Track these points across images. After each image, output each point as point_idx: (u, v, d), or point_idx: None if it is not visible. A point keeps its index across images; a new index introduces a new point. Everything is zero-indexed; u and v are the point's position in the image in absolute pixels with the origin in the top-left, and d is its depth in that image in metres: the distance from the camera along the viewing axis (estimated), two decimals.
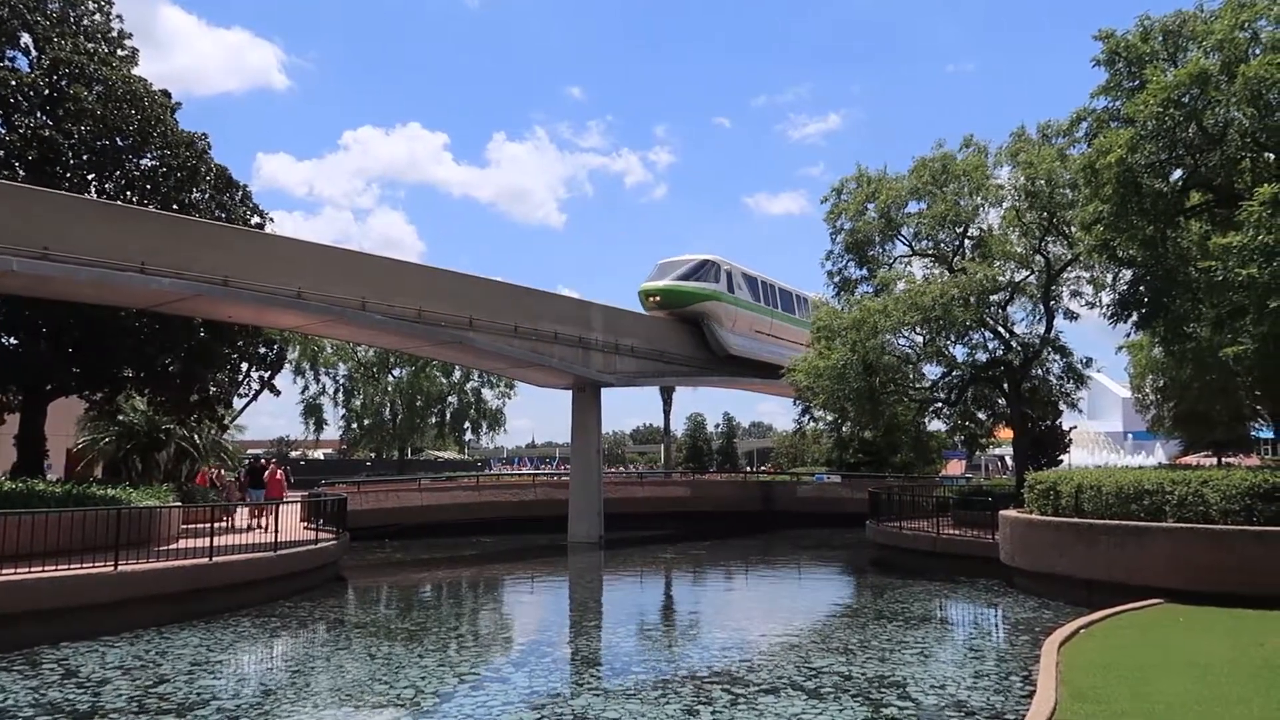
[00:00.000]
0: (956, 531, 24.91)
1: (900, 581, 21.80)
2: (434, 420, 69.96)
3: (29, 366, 25.68)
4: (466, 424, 71.09)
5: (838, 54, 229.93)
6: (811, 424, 33.77)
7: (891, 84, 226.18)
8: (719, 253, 39.78)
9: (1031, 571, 18.70)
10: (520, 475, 51.21)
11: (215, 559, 16.81)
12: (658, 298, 36.21)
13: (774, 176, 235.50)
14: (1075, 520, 17.58)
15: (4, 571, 13.69)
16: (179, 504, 21.42)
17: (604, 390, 34.19)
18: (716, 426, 77.84)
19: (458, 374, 67.07)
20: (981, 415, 30.14)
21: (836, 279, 30.51)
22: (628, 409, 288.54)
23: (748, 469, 70.41)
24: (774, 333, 40.38)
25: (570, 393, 34.55)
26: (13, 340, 26.37)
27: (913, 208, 28.79)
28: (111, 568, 14.90)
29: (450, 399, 69.20)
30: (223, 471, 32.10)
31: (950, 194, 27.30)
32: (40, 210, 19.22)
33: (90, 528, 16.18)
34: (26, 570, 13.97)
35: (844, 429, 33.38)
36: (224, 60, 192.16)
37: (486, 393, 69.75)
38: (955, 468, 55.82)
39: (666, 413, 67.73)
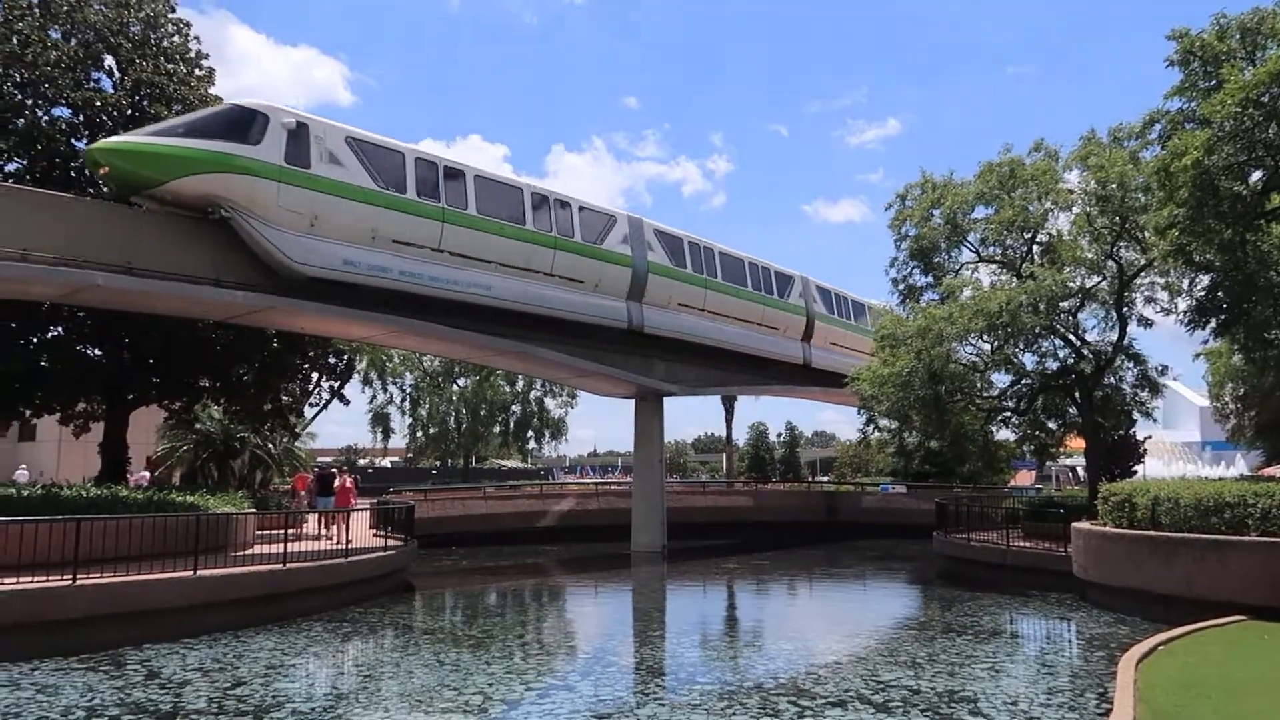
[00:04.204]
0: (1027, 544, 24.37)
1: (969, 594, 21.40)
2: (498, 429, 70.78)
3: (112, 376, 26.68)
4: (529, 433, 71.81)
5: (894, 59, 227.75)
6: (876, 433, 33.33)
7: (951, 88, 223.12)
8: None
9: (1106, 585, 18.22)
10: (583, 484, 51.48)
11: (289, 565, 17.21)
12: (107, 168, 19.93)
13: (832, 183, 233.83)
14: (1152, 533, 17.09)
15: (91, 575, 14.19)
16: (253, 510, 21.98)
17: (665, 399, 34.23)
18: (779, 436, 77.28)
19: (521, 383, 67.75)
20: (1052, 424, 29.46)
21: (901, 286, 30.13)
22: (689, 417, 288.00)
23: (811, 479, 69.75)
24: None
25: (632, 402, 34.66)
26: (97, 351, 27.40)
27: (979, 213, 28.31)
28: (191, 572, 15.35)
29: (514, 408, 69.97)
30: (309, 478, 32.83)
31: (1018, 199, 26.79)
32: (121, 226, 19.92)
33: (170, 533, 16.71)
34: (112, 574, 14.46)
35: (909, 438, 32.89)
36: (291, 77, 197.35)
37: (549, 402, 70.46)
38: (1024, 478, 54.55)
39: (729, 422, 67.60)
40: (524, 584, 25.91)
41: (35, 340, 26.85)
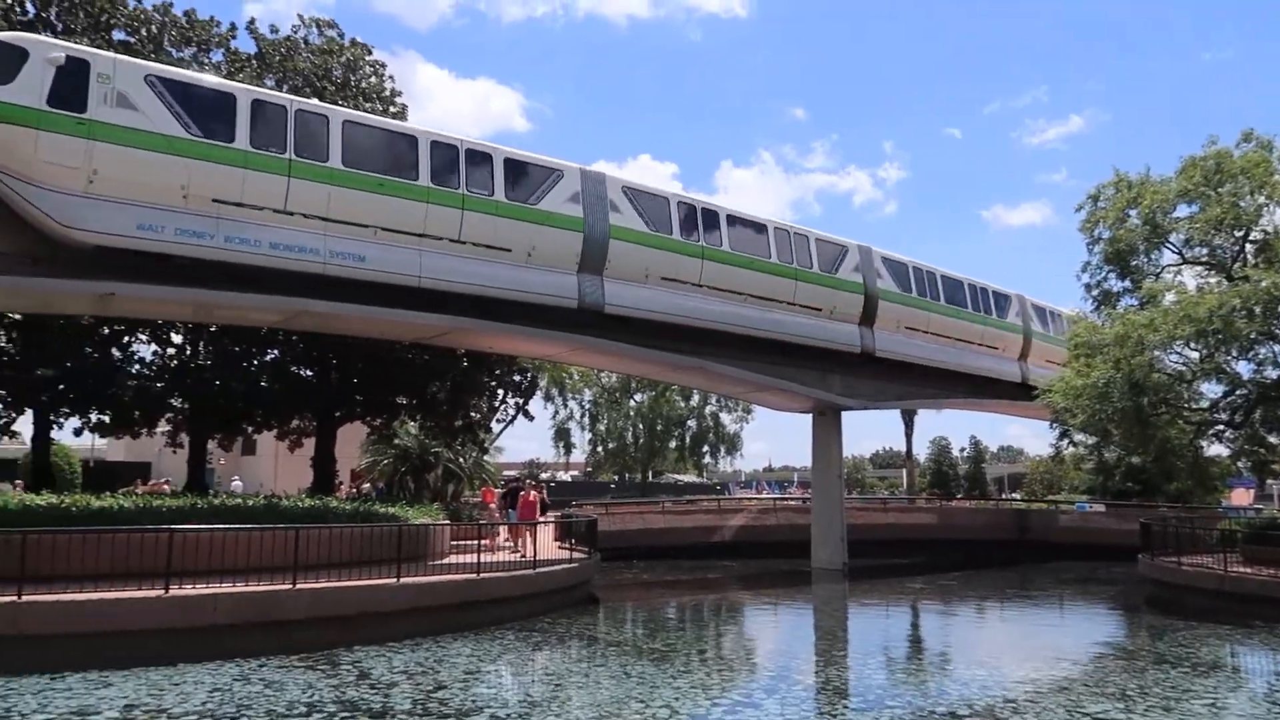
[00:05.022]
0: (1248, 569, 22.36)
1: (1182, 623, 19.86)
2: (674, 444, 71.61)
3: (322, 395, 28.89)
4: (705, 447, 72.22)
5: (1074, 52, 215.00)
6: (1070, 448, 31.49)
7: (1139, 79, 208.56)
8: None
9: None
10: (760, 499, 51.22)
11: (482, 574, 18.04)
12: None
13: (1012, 186, 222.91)
14: None
15: (308, 580, 15.38)
16: (448, 522, 23.16)
17: (843, 413, 33.63)
18: (962, 450, 74.30)
19: (696, 398, 68.27)
20: (1273, 439, 26.94)
21: (1095, 292, 28.44)
22: (866, 432, 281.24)
23: (1000, 496, 66.59)
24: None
25: (809, 417, 34.25)
26: (308, 372, 29.76)
27: (1182, 211, 26.34)
28: (394, 580, 16.37)
29: (689, 423, 70.62)
30: (495, 490, 34.34)
31: (1227, 195, 24.76)
32: None
33: (375, 542, 17.87)
34: (326, 579, 15.62)
35: (1108, 454, 30.90)
36: (472, 108, 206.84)
37: (724, 416, 70.71)
38: (1241, 497, 50.05)
39: (908, 436, 65.67)
40: (704, 598, 26.04)
41: (255, 363, 29.44)
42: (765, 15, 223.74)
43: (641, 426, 69.58)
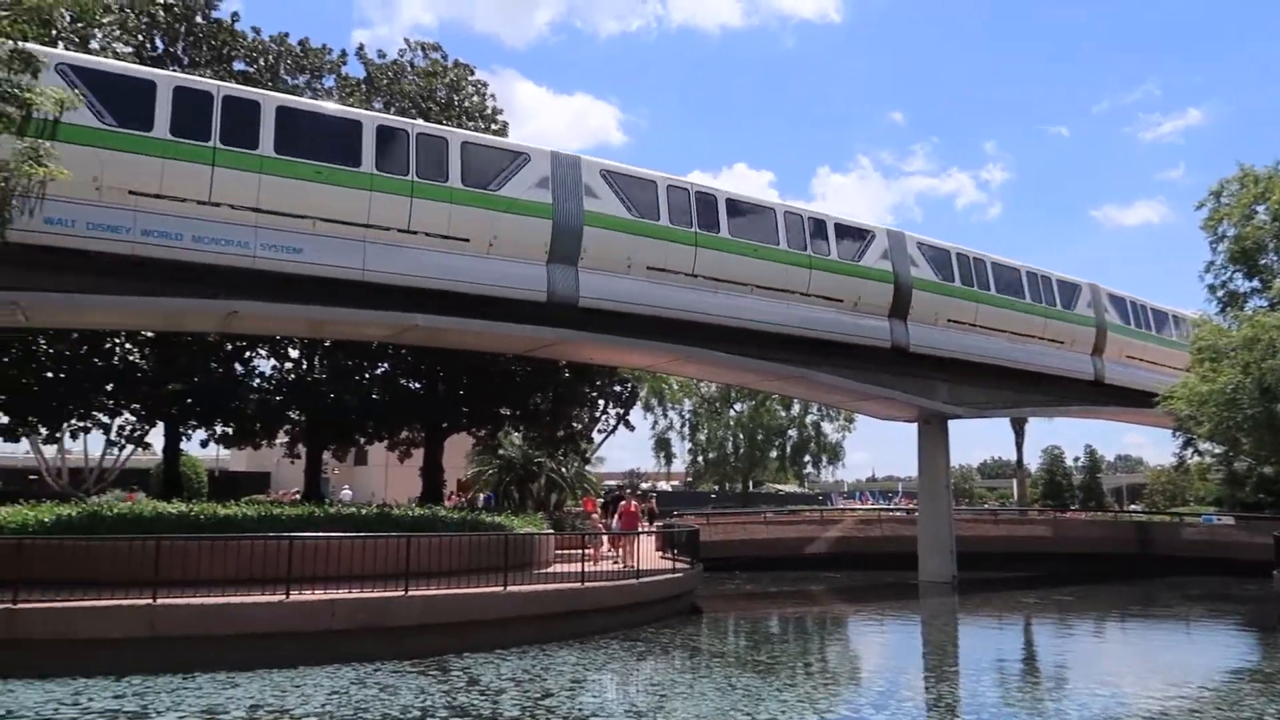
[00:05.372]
0: None
1: None
2: (774, 454, 70.99)
3: (429, 407, 29.69)
4: (806, 457, 71.39)
5: (1189, 42, 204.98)
6: (1195, 457, 30.00)
7: (1263, 68, 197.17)
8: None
9: None
10: (864, 510, 50.31)
11: (586, 584, 18.22)
12: None
13: (1125, 184, 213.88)
14: None
15: (419, 587, 15.79)
16: (552, 531, 23.48)
17: (949, 421, 32.78)
18: (1076, 460, 71.54)
19: (796, 407, 67.55)
20: None
21: (1220, 293, 27.18)
22: (973, 441, 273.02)
23: (1118, 507, 63.80)
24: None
25: (914, 425, 33.50)
26: (416, 385, 30.63)
27: None
28: (501, 588, 16.68)
29: (790, 432, 69.95)
30: (596, 500, 34.69)
31: None
32: None
33: (481, 550, 18.20)
34: (436, 587, 16.02)
35: (1237, 464, 29.31)
36: (569, 123, 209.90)
37: (826, 426, 69.76)
38: None
39: (1019, 445, 63.34)
40: (808, 610, 25.71)
41: (367, 376, 30.46)
42: (860, 19, 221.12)
43: (742, 436, 69.19)
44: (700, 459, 71.81)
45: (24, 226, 14.69)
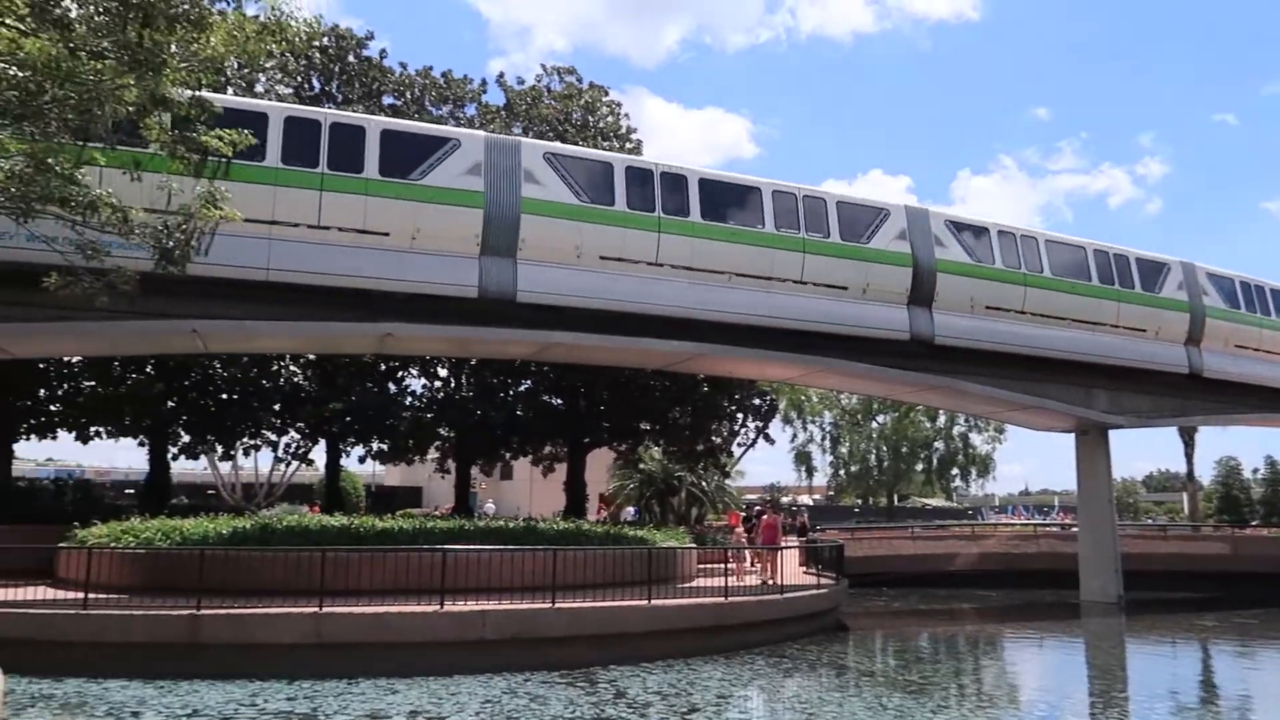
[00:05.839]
0: None
1: None
2: (920, 466, 69.01)
3: (571, 423, 30.29)
4: (954, 470, 69.10)
5: None
6: None
7: None
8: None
9: None
10: (1018, 525, 48.20)
11: (730, 599, 18.11)
12: None
13: None
14: None
15: (563, 600, 16.07)
16: (694, 545, 23.48)
17: (1111, 432, 31.01)
18: (1255, 471, 66.31)
19: (943, 418, 65.47)
20: None
21: None
22: (1136, 452, 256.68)
23: None
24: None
25: (1071, 436, 31.88)
26: (558, 401, 31.31)
27: None
28: (645, 601, 16.78)
29: (936, 444, 67.83)
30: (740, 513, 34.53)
31: None
32: None
33: (625, 564, 18.36)
34: (582, 600, 16.28)
35: None
36: (700, 138, 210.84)
37: (975, 437, 67.35)
38: None
39: (1189, 456, 59.44)
40: (960, 629, 24.79)
41: (511, 393, 31.38)
42: (999, 16, 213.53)
43: (885, 449, 67.54)
44: (842, 472, 70.53)
45: (202, 261, 14.90)
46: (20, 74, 9.92)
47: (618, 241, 20.57)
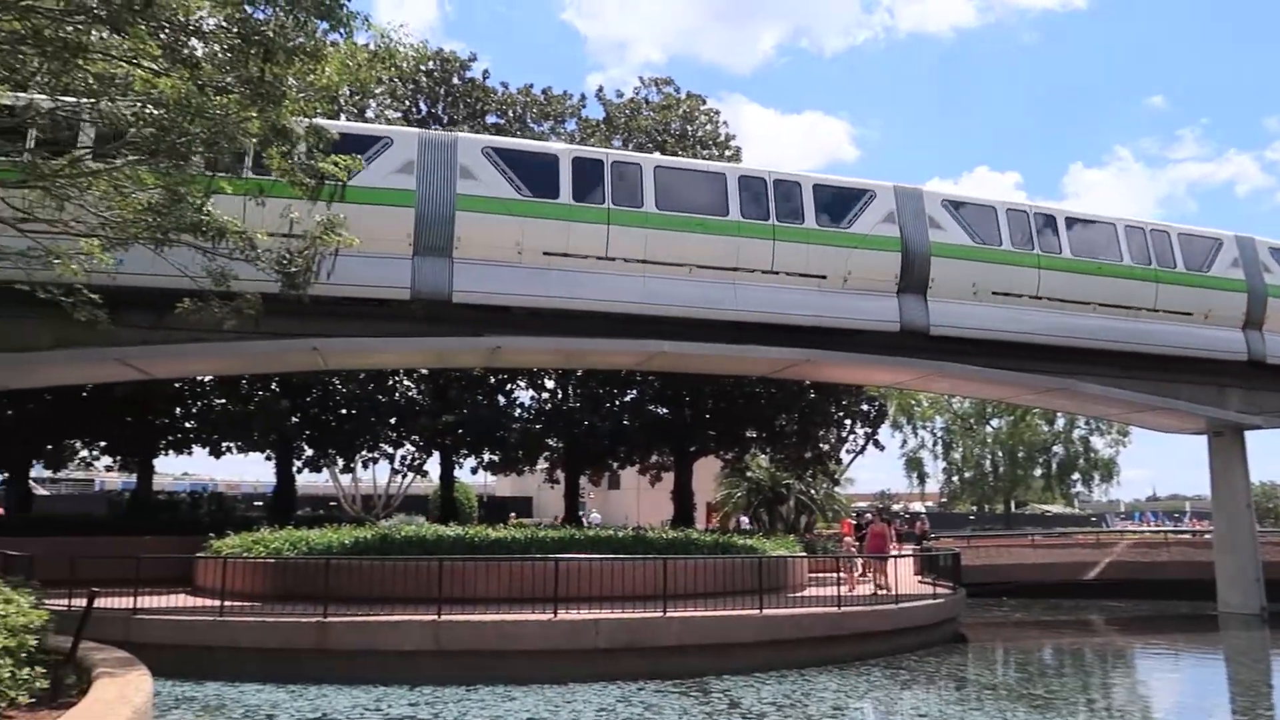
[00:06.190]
0: None
1: None
2: (1038, 472, 66.58)
3: (677, 432, 30.36)
4: (1074, 475, 66.41)
5: None
6: None
7: None
8: None
9: None
10: (1148, 532, 45.95)
11: (843, 608, 17.82)
12: None
13: None
14: None
15: (674, 609, 16.09)
16: (805, 554, 23.20)
17: (1248, 433, 29.27)
18: None
19: (1061, 421, 63.06)
20: None
21: None
22: (1277, 453, 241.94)
23: None
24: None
25: (1203, 438, 30.23)
26: (663, 410, 31.42)
27: None
28: (758, 610, 16.66)
29: (1055, 448, 65.37)
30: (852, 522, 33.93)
31: None
32: None
33: (735, 573, 18.30)
34: (694, 609, 16.27)
35: None
36: (800, 142, 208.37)
37: (1096, 440, 64.60)
38: None
39: None
40: (1086, 641, 23.79)
41: (617, 404, 31.66)
42: (1107, 2, 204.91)
43: (1000, 454, 65.38)
44: (955, 478, 68.64)
45: (322, 281, 15.07)
46: (155, 112, 10.54)
47: (562, 236, 19.66)
